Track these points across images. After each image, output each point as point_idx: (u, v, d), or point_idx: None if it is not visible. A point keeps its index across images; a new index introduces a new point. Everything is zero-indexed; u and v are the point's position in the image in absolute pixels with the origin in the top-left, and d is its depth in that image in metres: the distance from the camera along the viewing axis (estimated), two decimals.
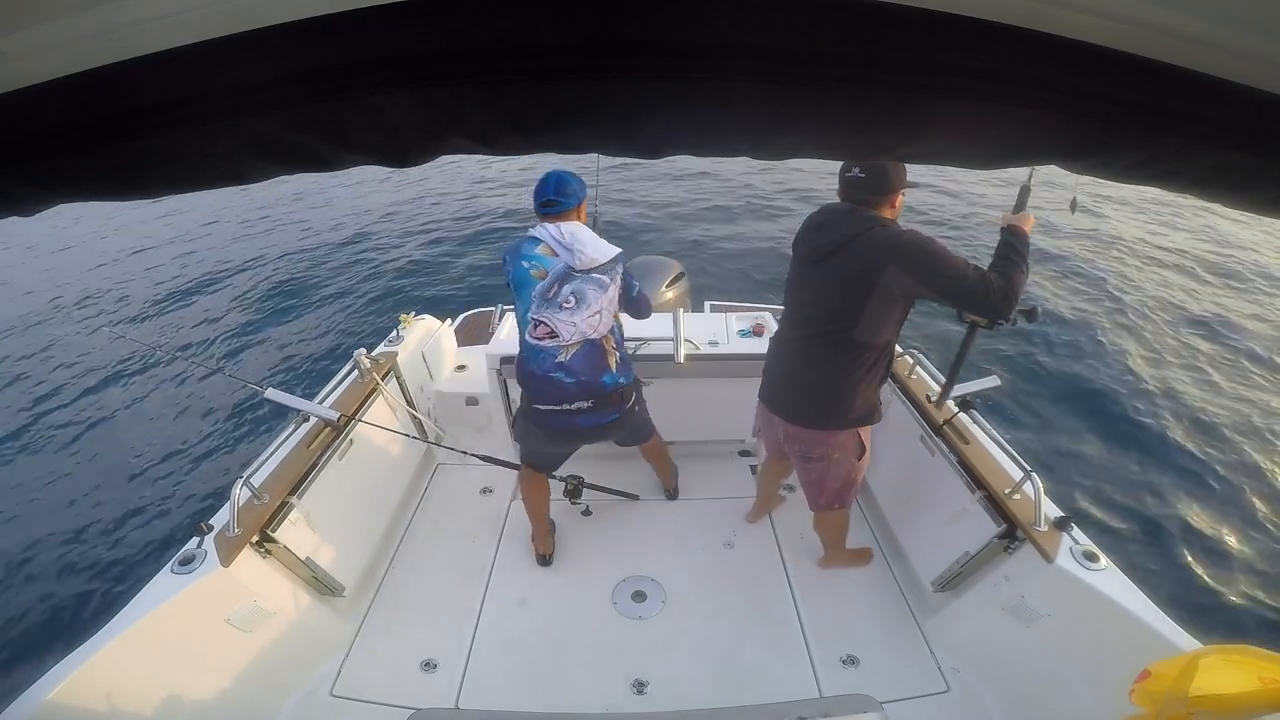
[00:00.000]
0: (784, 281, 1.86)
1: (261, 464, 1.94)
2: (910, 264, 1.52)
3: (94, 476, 4.38)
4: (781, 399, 1.88)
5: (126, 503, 4.05)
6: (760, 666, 1.95)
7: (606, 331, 1.83)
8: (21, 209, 0.47)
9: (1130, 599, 1.49)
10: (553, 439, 2.02)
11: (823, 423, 1.79)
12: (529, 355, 1.82)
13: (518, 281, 1.79)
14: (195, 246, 8.84)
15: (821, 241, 1.66)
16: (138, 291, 7.55)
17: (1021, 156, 0.49)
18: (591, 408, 1.86)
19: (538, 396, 1.87)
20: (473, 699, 1.85)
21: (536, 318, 1.75)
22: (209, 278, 7.64)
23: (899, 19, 0.38)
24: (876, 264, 1.54)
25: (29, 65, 0.38)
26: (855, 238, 1.58)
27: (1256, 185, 0.48)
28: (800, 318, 1.77)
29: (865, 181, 1.60)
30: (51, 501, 4.16)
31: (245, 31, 0.38)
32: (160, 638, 1.49)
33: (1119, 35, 0.39)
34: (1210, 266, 6.79)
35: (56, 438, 4.87)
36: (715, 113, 0.44)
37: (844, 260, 1.60)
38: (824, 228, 1.68)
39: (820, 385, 1.75)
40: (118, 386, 5.48)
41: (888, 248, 1.54)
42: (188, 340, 6.26)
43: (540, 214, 1.79)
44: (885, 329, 1.64)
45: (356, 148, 0.46)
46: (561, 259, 1.74)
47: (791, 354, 1.82)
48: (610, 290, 1.80)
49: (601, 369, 1.84)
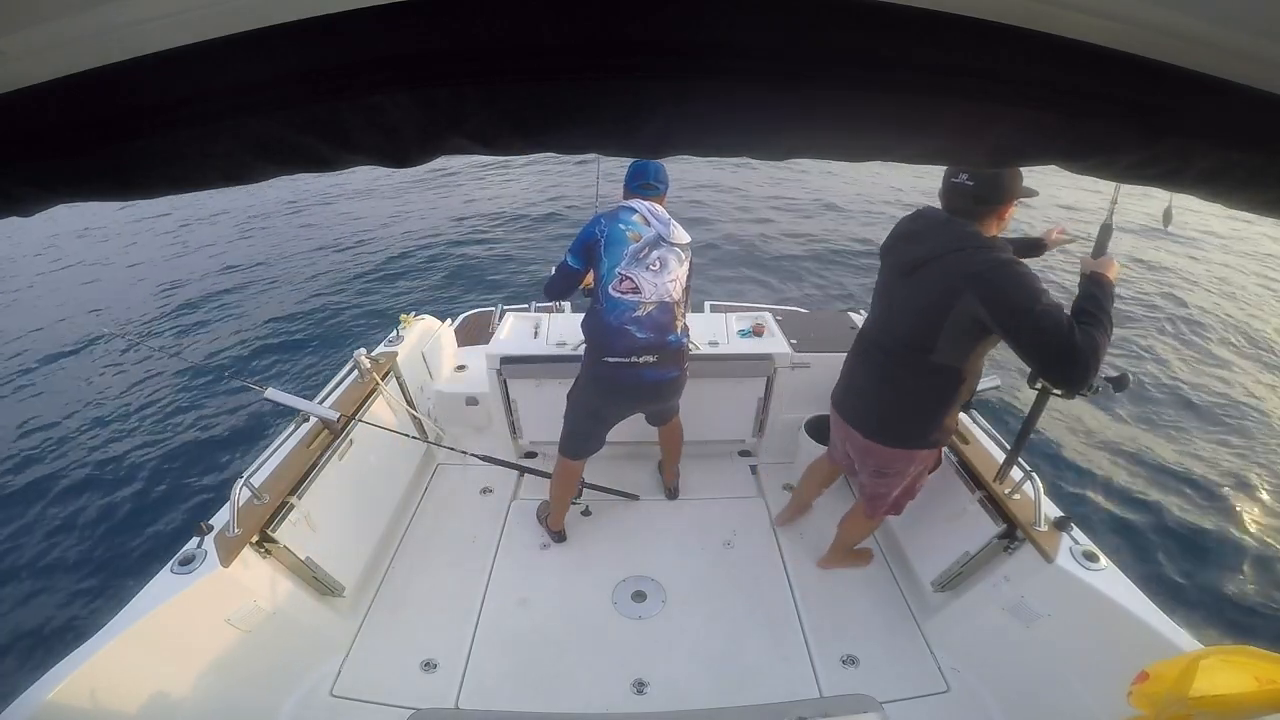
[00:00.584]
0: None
1: (261, 464, 1.94)
2: (988, 297, 1.35)
3: (94, 476, 4.38)
4: (857, 412, 1.80)
5: (126, 502, 4.05)
6: (760, 666, 1.95)
7: (679, 297, 2.03)
8: (21, 209, 0.47)
9: (1130, 599, 1.49)
10: (617, 396, 2.09)
11: (899, 443, 1.73)
12: (607, 307, 1.96)
13: (611, 239, 1.93)
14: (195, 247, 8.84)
15: (910, 254, 1.53)
16: (138, 292, 7.56)
17: (1021, 156, 0.49)
18: (657, 362, 2.01)
19: (609, 349, 1.98)
20: (473, 699, 1.85)
21: (624, 273, 1.93)
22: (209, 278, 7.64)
23: (899, 19, 0.38)
24: (955, 288, 1.39)
25: (29, 65, 0.38)
26: (942, 256, 1.44)
27: (1256, 185, 0.48)
28: (882, 330, 1.67)
29: (971, 190, 1.43)
30: (51, 502, 4.16)
31: (245, 31, 0.38)
32: (160, 638, 1.49)
33: (1119, 35, 0.39)
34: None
35: (56, 438, 4.87)
36: (715, 113, 0.44)
37: (928, 279, 1.47)
38: (915, 238, 1.55)
39: (897, 405, 1.67)
40: (118, 387, 5.48)
41: (971, 274, 1.37)
42: (187, 340, 6.26)
43: (635, 192, 2.02)
44: (967, 355, 1.52)
45: (356, 148, 0.46)
46: (654, 229, 1.95)
47: (870, 367, 1.73)
48: (685, 265, 2.03)
49: (668, 329, 2.02)
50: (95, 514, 3.99)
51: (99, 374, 5.69)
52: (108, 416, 5.09)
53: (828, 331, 2.70)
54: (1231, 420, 4.24)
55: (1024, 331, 1.29)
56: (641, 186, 2.00)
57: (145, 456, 4.51)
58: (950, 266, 1.42)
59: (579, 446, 2.22)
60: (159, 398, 5.26)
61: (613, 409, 2.16)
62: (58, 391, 5.51)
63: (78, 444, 4.77)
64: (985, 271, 1.36)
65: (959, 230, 1.45)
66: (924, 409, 1.64)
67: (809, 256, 7.25)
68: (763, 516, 2.56)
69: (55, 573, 3.55)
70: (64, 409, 5.23)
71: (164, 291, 7.50)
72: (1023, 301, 1.30)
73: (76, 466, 4.49)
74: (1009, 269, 1.35)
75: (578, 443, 2.21)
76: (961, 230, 1.45)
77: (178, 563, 1.59)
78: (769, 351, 2.54)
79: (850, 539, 2.18)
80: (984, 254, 1.38)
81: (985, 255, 1.38)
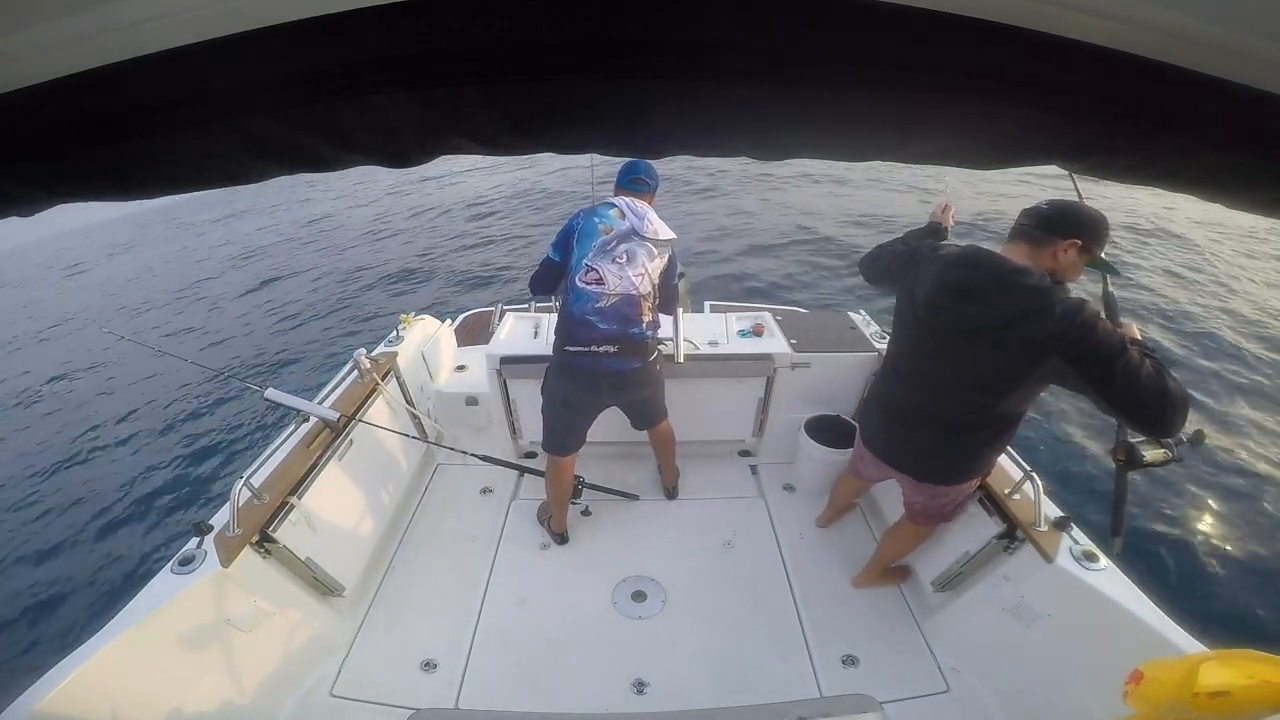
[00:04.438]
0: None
1: (261, 464, 1.94)
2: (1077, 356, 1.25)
3: (94, 477, 4.38)
4: (906, 458, 1.72)
5: (126, 503, 4.05)
6: (760, 666, 1.95)
7: (646, 291, 2.02)
8: (21, 209, 0.47)
9: (1130, 599, 1.49)
10: (579, 385, 2.10)
11: (957, 480, 1.69)
12: (573, 298, 1.99)
13: (583, 232, 1.98)
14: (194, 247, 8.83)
15: (970, 317, 1.38)
16: (137, 293, 7.55)
17: (1022, 156, 0.49)
18: (617, 353, 2.02)
19: (570, 337, 2.01)
20: (473, 699, 1.85)
21: (590, 264, 1.96)
22: (209, 278, 7.63)
23: (899, 19, 0.38)
24: (1039, 354, 1.29)
25: (29, 65, 0.38)
26: (1015, 322, 1.31)
27: (1256, 185, 0.48)
28: (935, 387, 1.55)
29: (1044, 212, 1.32)
30: (51, 502, 4.16)
31: (245, 31, 0.38)
32: (160, 638, 1.49)
33: (1119, 35, 0.39)
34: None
35: (56, 438, 4.87)
36: (715, 113, 0.44)
37: (1001, 346, 1.34)
38: (970, 295, 1.38)
39: (956, 452, 1.61)
40: (118, 387, 5.48)
41: (1055, 333, 1.26)
42: (188, 341, 6.25)
43: (625, 187, 2.05)
44: (1033, 398, 1.46)
45: (356, 147, 0.46)
46: (629, 223, 1.97)
47: (920, 418, 1.62)
48: (657, 260, 2.03)
49: (632, 322, 2.02)
50: (95, 514, 3.99)
51: (99, 374, 5.69)
52: (107, 417, 5.09)
53: (828, 331, 2.70)
54: (1232, 419, 4.24)
55: (1117, 378, 1.20)
56: (632, 181, 2.04)
57: (145, 456, 4.51)
58: (1030, 333, 1.29)
59: (559, 441, 2.22)
60: (159, 398, 5.26)
61: (579, 397, 2.15)
62: (57, 391, 5.51)
63: (78, 444, 4.77)
64: (1070, 330, 1.25)
65: (1023, 285, 1.31)
66: (986, 449, 1.59)
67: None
68: (763, 516, 2.56)
69: (55, 573, 3.54)
70: (63, 409, 5.23)
71: (164, 291, 7.50)
72: (1111, 349, 1.22)
73: (76, 467, 4.49)
74: (1088, 318, 1.25)
75: (557, 437, 2.22)
76: (1024, 284, 1.31)
77: (178, 563, 1.58)
78: (769, 351, 2.54)
79: (896, 553, 2.11)
80: (1059, 307, 1.27)
81: (1061, 308, 1.26)
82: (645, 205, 2.02)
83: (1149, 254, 7.10)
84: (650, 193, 2.07)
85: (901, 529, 2.01)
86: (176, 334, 6.49)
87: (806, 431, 2.55)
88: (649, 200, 2.06)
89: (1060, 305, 1.28)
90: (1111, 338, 1.23)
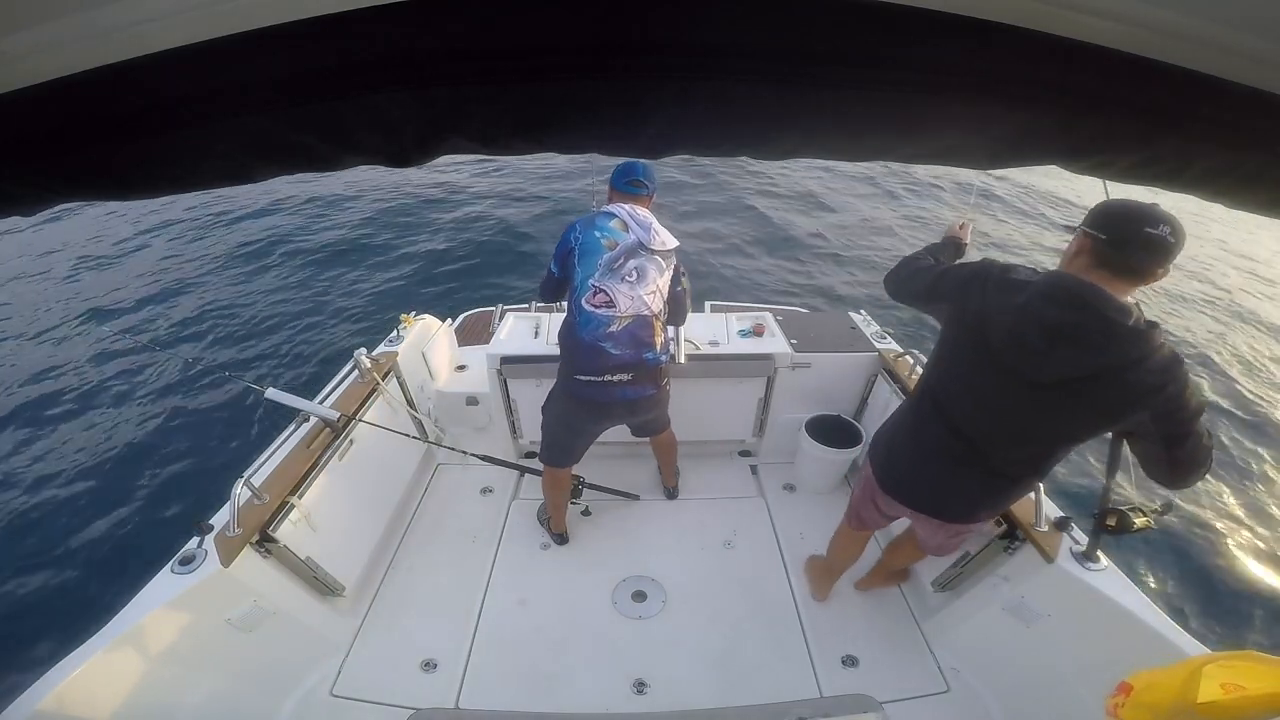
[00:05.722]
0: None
1: (261, 464, 1.94)
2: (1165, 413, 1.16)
3: (93, 477, 4.38)
4: (939, 504, 1.55)
5: (126, 502, 4.05)
6: (760, 666, 1.95)
7: (659, 310, 1.91)
8: (21, 209, 0.47)
9: (1130, 599, 1.49)
10: (590, 413, 2.03)
11: (989, 516, 1.61)
12: (581, 322, 1.85)
13: (585, 248, 1.83)
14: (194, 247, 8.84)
15: (1065, 362, 1.20)
16: (137, 292, 7.56)
17: (1022, 156, 0.49)
18: (631, 380, 1.91)
19: (581, 367, 1.89)
20: (473, 699, 1.85)
21: (598, 285, 1.82)
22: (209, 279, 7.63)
23: (899, 19, 0.38)
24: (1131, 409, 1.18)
25: (29, 65, 0.38)
26: (1120, 372, 1.16)
27: (1256, 185, 0.48)
28: (993, 433, 1.37)
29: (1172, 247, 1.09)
30: (50, 502, 4.16)
31: (245, 31, 0.38)
32: (160, 638, 1.49)
33: (1119, 35, 0.39)
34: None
35: (55, 438, 4.87)
36: (715, 113, 0.44)
37: (1098, 392, 1.19)
38: (1069, 340, 1.19)
39: (999, 496, 1.49)
40: (118, 387, 5.48)
41: (1154, 387, 1.14)
42: (187, 341, 6.26)
43: (622, 190, 1.90)
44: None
45: (356, 148, 0.46)
46: (634, 235, 1.83)
47: (966, 462, 1.43)
48: (667, 275, 1.91)
49: (646, 346, 1.90)
50: (94, 514, 3.99)
51: (99, 374, 5.69)
52: (107, 417, 5.09)
53: (828, 331, 2.70)
54: (1231, 416, 4.24)
55: (1189, 439, 1.16)
56: (629, 184, 1.89)
57: (145, 456, 4.51)
58: (1131, 385, 1.16)
59: (559, 457, 2.18)
60: (159, 398, 5.26)
61: (587, 425, 2.09)
62: (57, 391, 5.51)
63: (77, 444, 4.77)
64: (1169, 385, 1.14)
65: (1126, 330, 1.16)
66: (1023, 491, 1.51)
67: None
68: (763, 516, 2.56)
69: (55, 573, 3.55)
70: (63, 409, 5.23)
71: (163, 291, 7.50)
72: (1194, 410, 1.16)
73: (76, 466, 4.49)
74: (1183, 374, 1.16)
75: (557, 453, 2.17)
76: (1128, 329, 1.16)
77: (178, 563, 1.58)
78: (769, 351, 2.54)
79: (900, 564, 2.09)
80: (1159, 358, 1.15)
81: (1161, 360, 1.15)
82: (646, 212, 1.89)
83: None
84: (649, 196, 1.92)
85: (908, 545, 1.96)
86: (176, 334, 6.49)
87: (807, 431, 2.55)
88: (647, 204, 1.92)
89: (1161, 352, 1.16)
90: (1198, 399, 1.17)
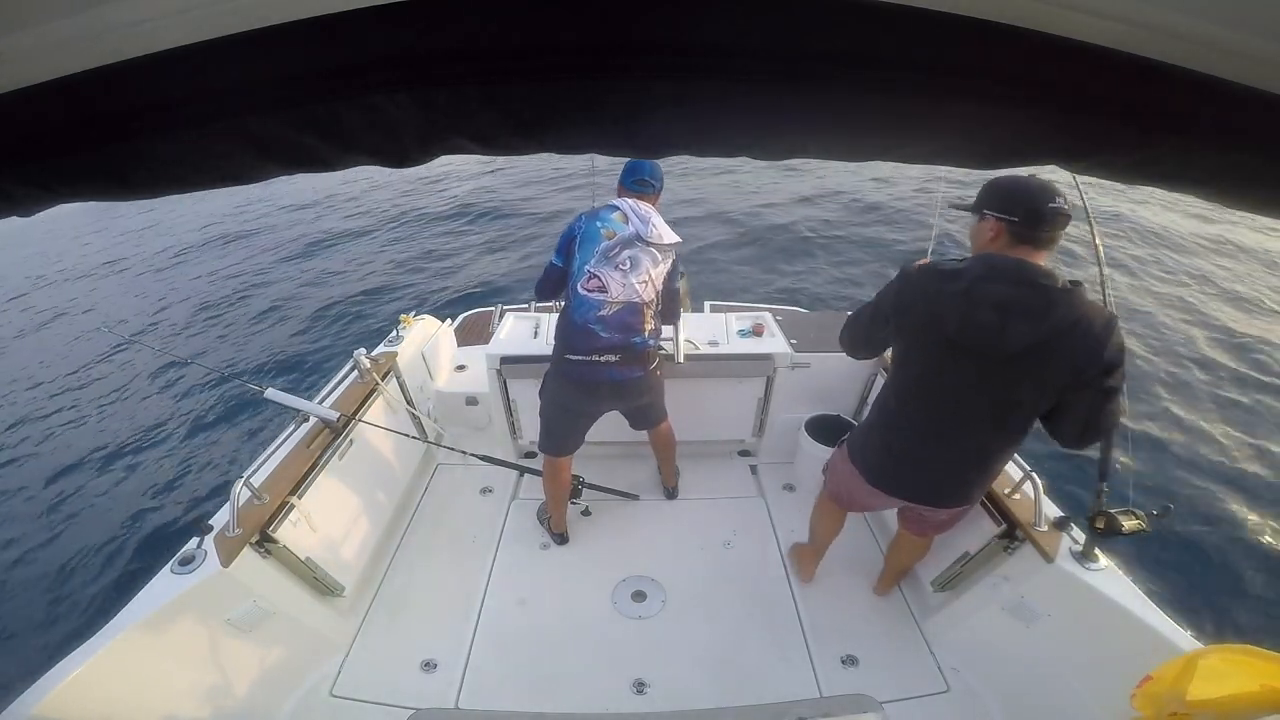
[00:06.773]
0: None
1: (261, 464, 1.94)
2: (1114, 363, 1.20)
3: (93, 477, 4.38)
4: (934, 492, 1.58)
5: (126, 503, 4.05)
6: (760, 666, 1.95)
7: (650, 298, 1.99)
8: (21, 209, 0.47)
9: (1130, 599, 1.49)
10: (580, 392, 2.09)
11: (979, 497, 1.64)
12: (575, 305, 1.95)
13: (585, 236, 1.93)
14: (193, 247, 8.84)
15: (1020, 334, 1.24)
16: (137, 292, 7.55)
17: (1022, 156, 0.49)
18: (619, 361, 2.00)
19: (572, 346, 1.99)
20: (473, 699, 1.85)
21: (592, 270, 1.92)
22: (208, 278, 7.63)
23: (899, 19, 0.38)
24: (1088, 366, 1.22)
25: (29, 65, 0.38)
26: (1072, 326, 1.21)
27: (1256, 185, 0.48)
28: (968, 418, 1.41)
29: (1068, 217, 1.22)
30: (50, 502, 4.16)
31: (245, 31, 0.38)
32: (160, 638, 1.49)
33: (1119, 35, 0.39)
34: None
35: (56, 438, 4.87)
36: (715, 113, 0.44)
37: (1048, 355, 1.24)
38: (1019, 314, 1.24)
39: (987, 473, 1.53)
40: (118, 387, 5.48)
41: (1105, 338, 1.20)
42: (187, 341, 6.25)
43: (629, 188, 1.99)
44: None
45: (356, 148, 0.46)
46: (633, 227, 1.92)
47: (950, 454, 1.49)
48: (661, 266, 1.99)
49: (635, 331, 2.00)
50: (94, 514, 3.99)
51: (98, 375, 5.69)
52: (107, 417, 5.09)
53: (828, 331, 2.69)
54: (1231, 416, 4.24)
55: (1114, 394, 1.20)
56: (636, 183, 1.98)
57: (145, 457, 4.51)
58: (1082, 337, 1.21)
59: (557, 443, 2.21)
60: (159, 398, 5.27)
61: (579, 404, 2.14)
62: (56, 392, 5.51)
63: (77, 445, 4.77)
64: (1114, 335, 1.20)
65: (1059, 294, 1.22)
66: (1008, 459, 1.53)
67: None
68: (763, 516, 2.56)
69: (55, 573, 3.55)
70: (63, 410, 5.23)
71: (163, 291, 7.50)
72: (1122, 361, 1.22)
73: (76, 467, 4.49)
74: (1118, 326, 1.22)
75: (555, 440, 2.21)
76: (1062, 294, 1.22)
77: (178, 563, 1.58)
78: (769, 351, 2.54)
79: (908, 563, 2.10)
80: (1097, 314, 1.23)
81: (1102, 315, 1.23)
82: (649, 208, 1.96)
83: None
84: (655, 194, 2.01)
85: (907, 543, 1.97)
86: (176, 334, 6.48)
87: (807, 431, 2.55)
88: (653, 202, 2.01)
89: (1096, 307, 1.23)
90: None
